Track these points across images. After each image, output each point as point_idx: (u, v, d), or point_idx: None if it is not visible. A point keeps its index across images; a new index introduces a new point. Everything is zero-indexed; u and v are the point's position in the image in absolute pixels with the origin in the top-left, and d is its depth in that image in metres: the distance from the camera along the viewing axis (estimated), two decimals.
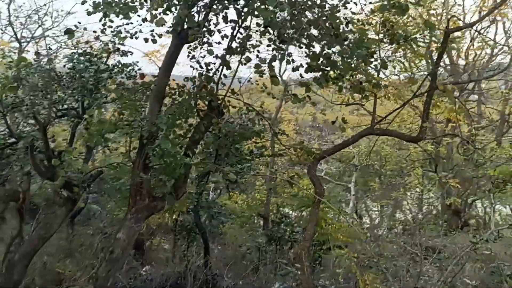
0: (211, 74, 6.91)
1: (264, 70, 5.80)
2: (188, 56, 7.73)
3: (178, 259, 13.37)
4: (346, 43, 4.77)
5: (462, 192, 19.27)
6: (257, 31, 6.74)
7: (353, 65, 4.95)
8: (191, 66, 7.60)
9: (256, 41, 7.14)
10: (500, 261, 15.00)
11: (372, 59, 5.51)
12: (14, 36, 19.83)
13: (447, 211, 19.25)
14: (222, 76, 6.97)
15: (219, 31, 6.98)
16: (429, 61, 10.16)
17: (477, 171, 18.66)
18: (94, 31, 7.84)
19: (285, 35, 4.95)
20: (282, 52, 7.02)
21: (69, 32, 5.91)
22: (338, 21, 4.82)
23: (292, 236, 12.96)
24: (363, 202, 23.04)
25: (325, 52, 4.82)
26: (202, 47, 6.82)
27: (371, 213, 26.37)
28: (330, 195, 24.57)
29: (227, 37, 6.85)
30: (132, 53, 14.20)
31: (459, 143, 19.35)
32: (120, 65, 13.89)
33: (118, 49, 14.13)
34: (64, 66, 13.88)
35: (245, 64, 7.25)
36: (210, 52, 6.03)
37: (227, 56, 6.73)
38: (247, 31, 6.82)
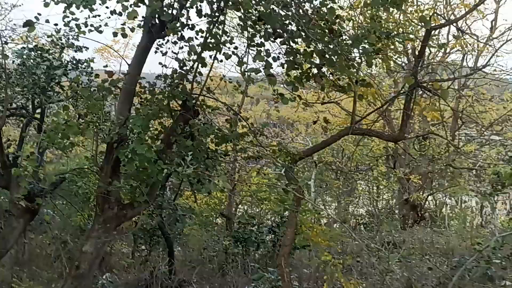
0: (185, 72, 6.37)
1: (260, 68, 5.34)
2: (156, 52, 7.17)
3: (139, 265, 12.67)
4: (342, 38, 4.40)
5: (419, 187, 19.61)
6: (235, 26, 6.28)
7: (350, 63, 4.58)
8: (159, 63, 7.03)
9: (229, 36, 6.68)
10: (457, 254, 15.33)
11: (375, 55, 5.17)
12: None
13: (404, 206, 19.51)
14: (197, 74, 6.45)
15: (193, 26, 6.45)
16: (411, 58, 10.07)
17: (433, 166, 19.03)
18: (56, 24, 7.09)
19: (281, 30, 4.54)
20: (260, 48, 6.61)
21: (29, 25, 5.19)
22: (334, 16, 4.45)
23: (259, 238, 12.59)
24: (322, 199, 23.03)
25: (320, 48, 4.43)
26: (177, 43, 6.26)
27: (329, 209, 26.48)
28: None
29: (202, 32, 6.34)
30: (87, 48, 13.39)
31: (415, 139, 19.73)
32: (74, 61, 13.02)
33: (72, 44, 13.33)
34: (13, 62, 12.82)
35: (221, 61, 6.79)
36: (192, 49, 5.48)
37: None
38: (223, 26, 6.34)
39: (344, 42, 4.37)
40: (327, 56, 4.45)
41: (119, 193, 6.31)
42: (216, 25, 6.10)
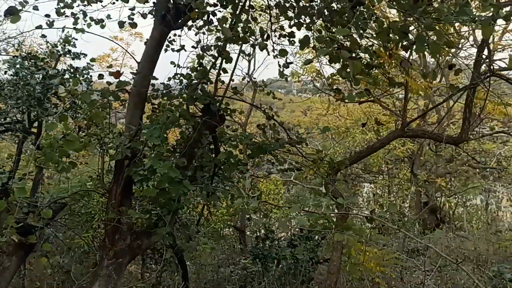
0: (205, 69, 5.15)
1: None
2: (167, 50, 5.95)
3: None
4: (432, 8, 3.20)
5: (437, 190, 18.41)
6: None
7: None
8: (171, 63, 5.82)
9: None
10: (490, 260, 14.08)
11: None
12: None
13: (422, 209, 18.28)
14: (221, 72, 5.24)
15: (213, 13, 5.25)
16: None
17: (452, 167, 17.85)
18: (43, 35, 5.93)
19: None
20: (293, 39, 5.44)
21: (11, 13, 3.95)
22: None
23: (280, 253, 11.32)
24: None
25: (401, 24, 3.21)
26: (200, 32, 5.05)
27: None
28: (299, 198, 23.24)
29: (225, 20, 5.12)
30: (85, 55, 12.12)
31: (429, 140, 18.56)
32: (72, 69, 11.75)
33: (69, 51, 12.09)
34: (5, 73, 11.58)
35: (248, 55, 5.61)
36: (225, 32, 4.20)
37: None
38: (250, 12, 5.15)
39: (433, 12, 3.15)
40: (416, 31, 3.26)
41: (133, 219, 5.07)
42: (243, 9, 4.91)
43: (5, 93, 11.01)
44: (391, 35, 3.33)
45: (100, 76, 4.72)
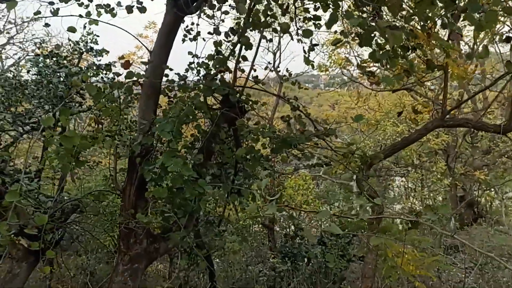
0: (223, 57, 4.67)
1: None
2: (184, 40, 5.51)
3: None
4: None
5: (473, 183, 17.48)
6: None
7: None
8: (189, 53, 5.37)
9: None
10: None
11: None
12: None
13: (459, 204, 17.37)
14: (240, 60, 4.75)
15: None
16: None
17: (489, 159, 16.88)
18: (47, 24, 5.58)
19: None
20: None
21: None
22: None
23: (310, 251, 10.80)
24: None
25: None
26: (215, 13, 4.57)
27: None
28: (329, 194, 22.57)
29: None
30: (107, 52, 11.83)
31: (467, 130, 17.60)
32: (95, 67, 11.47)
33: (92, 48, 11.83)
34: (28, 72, 11.40)
35: (270, 40, 5.10)
36: (241, 9, 3.70)
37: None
38: None
39: None
40: None
41: (149, 222, 4.65)
42: None
43: (28, 93, 10.86)
44: (435, 3, 2.77)
45: (108, 67, 4.31)
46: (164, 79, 4.71)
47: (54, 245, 9.49)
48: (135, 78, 4.06)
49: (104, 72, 11.31)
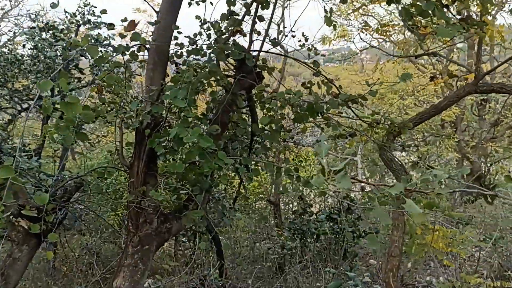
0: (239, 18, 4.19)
1: None
2: (191, 2, 4.99)
3: (184, 267, 10.71)
4: None
5: (480, 156, 17.10)
6: None
7: None
8: (197, 17, 4.87)
9: None
10: None
11: None
12: None
13: (467, 177, 17.01)
14: (256, 20, 4.27)
15: None
16: None
17: (498, 131, 16.47)
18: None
19: None
20: None
21: None
22: None
23: (319, 228, 10.46)
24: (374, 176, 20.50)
25: None
26: None
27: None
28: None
29: None
30: (105, 24, 11.23)
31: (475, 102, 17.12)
32: (93, 39, 10.89)
33: (89, 20, 11.25)
34: (24, 46, 10.87)
35: None
36: None
37: None
38: None
39: None
40: None
41: (159, 200, 4.24)
42: None
43: (24, 68, 10.35)
44: None
45: (111, 26, 3.84)
46: (173, 42, 4.23)
47: (57, 225, 9.15)
48: (140, 42, 3.60)
49: (105, 37, 10.70)
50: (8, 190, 2.58)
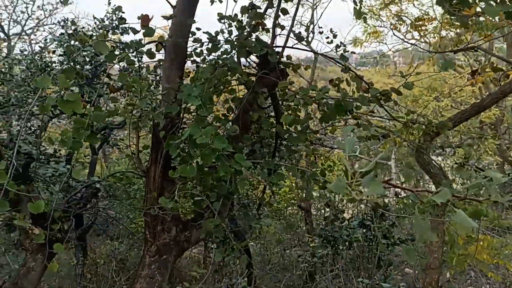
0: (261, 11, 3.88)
1: None
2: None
3: (213, 274, 10.44)
4: None
5: None
6: None
7: None
8: (218, 14, 4.59)
9: None
10: None
11: None
12: (1, 31, 16.81)
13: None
14: (279, 14, 3.94)
15: None
16: None
17: None
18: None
19: None
20: None
21: None
22: None
23: (352, 235, 9.99)
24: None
25: None
26: None
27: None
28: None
29: None
30: (134, 29, 11.16)
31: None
32: (121, 45, 10.80)
33: (117, 26, 11.20)
34: (54, 52, 10.90)
35: None
36: None
37: None
38: None
39: None
40: None
41: (177, 207, 3.95)
42: None
43: (54, 74, 10.34)
44: None
45: (122, 20, 3.59)
46: (191, 39, 3.96)
47: (87, 230, 9.03)
48: (155, 39, 3.35)
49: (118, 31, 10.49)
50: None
